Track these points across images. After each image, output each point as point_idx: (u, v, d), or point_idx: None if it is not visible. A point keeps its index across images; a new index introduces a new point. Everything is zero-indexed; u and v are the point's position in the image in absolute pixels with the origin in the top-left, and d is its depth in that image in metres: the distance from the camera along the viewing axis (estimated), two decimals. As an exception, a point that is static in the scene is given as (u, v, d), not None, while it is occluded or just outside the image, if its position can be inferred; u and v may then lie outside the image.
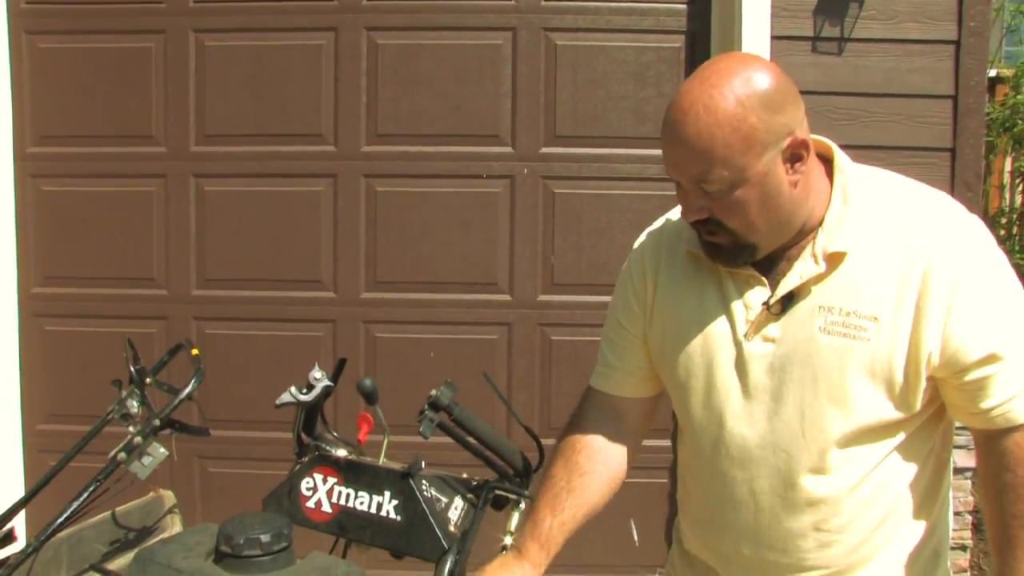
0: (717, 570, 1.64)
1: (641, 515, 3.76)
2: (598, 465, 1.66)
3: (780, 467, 1.48)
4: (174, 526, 2.43)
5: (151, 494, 2.70)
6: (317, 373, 1.69)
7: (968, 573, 3.71)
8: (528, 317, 3.74)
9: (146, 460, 2.31)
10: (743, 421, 1.50)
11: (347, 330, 3.75)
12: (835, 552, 1.51)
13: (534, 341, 3.75)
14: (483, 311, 3.74)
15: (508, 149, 3.72)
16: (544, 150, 3.72)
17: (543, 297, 3.74)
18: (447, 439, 1.68)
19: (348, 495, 1.65)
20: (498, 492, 1.68)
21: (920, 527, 1.55)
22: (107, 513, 2.57)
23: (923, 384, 1.42)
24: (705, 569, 1.67)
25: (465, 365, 3.59)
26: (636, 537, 3.79)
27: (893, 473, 1.49)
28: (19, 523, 3.31)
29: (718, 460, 1.54)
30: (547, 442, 1.70)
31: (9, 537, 2.58)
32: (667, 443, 3.54)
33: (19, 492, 3.63)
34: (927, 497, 1.55)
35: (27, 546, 2.34)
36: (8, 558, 2.34)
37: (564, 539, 1.62)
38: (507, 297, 3.74)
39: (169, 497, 2.70)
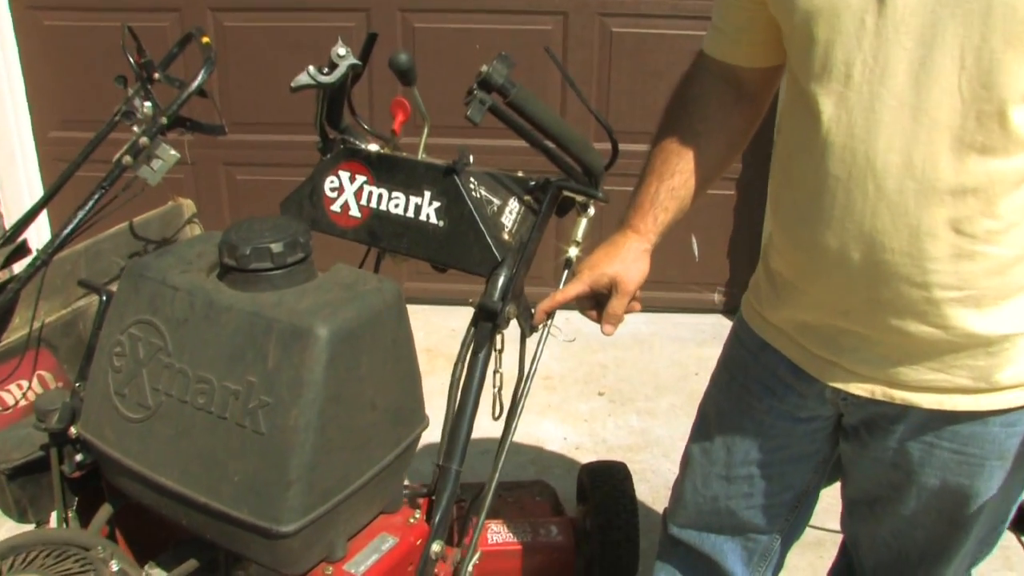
0: (804, 288, 1.36)
1: (703, 230, 3.67)
2: (713, 128, 1.44)
3: (920, 136, 1.14)
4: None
5: (170, 203, 2.57)
6: (341, 50, 1.44)
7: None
8: (586, 5, 3.45)
9: (156, 164, 2.21)
10: (875, 74, 1.16)
11: (382, 19, 3.49)
12: (975, 269, 1.19)
13: (592, 32, 3.48)
14: (536, -2, 3.44)
15: None
16: None
17: (604, -19, 3.45)
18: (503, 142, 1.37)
19: (380, 196, 1.46)
20: (565, 192, 1.39)
21: None
22: (124, 224, 2.46)
23: None
24: (790, 290, 1.40)
25: (515, 59, 3.28)
26: (697, 253, 3.71)
27: None
28: (41, 236, 3.20)
29: (836, 129, 1.21)
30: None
31: (23, 249, 2.47)
32: (736, 153, 3.31)
33: (41, 204, 3.54)
34: None
35: (34, 258, 2.21)
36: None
37: (677, 207, 1.45)
38: (563, -19, 3.44)
39: (189, 206, 2.60)
